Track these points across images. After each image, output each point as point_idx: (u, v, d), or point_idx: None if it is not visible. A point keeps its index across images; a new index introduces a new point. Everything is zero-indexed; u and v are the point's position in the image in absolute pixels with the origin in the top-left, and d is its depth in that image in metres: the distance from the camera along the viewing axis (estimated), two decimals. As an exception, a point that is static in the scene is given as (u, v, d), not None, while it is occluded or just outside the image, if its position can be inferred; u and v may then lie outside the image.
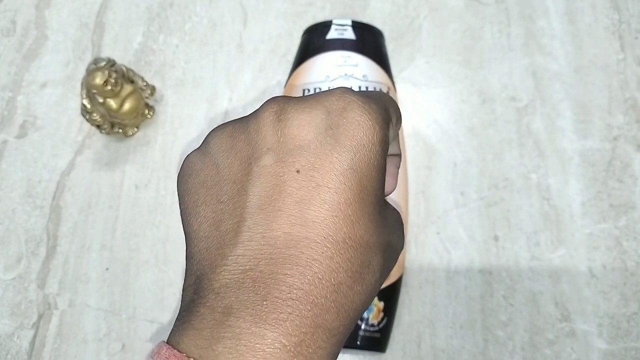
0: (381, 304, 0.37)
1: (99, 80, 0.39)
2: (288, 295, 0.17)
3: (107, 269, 0.42)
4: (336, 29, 0.42)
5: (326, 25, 0.42)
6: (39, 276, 0.42)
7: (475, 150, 0.43)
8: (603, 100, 0.44)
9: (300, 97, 0.21)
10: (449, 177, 0.43)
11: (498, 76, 0.45)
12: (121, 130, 0.44)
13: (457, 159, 0.43)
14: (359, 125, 0.19)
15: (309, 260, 0.17)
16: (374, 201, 0.19)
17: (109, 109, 0.41)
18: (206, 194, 0.20)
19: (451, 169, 0.43)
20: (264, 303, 0.17)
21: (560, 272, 0.40)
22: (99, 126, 0.43)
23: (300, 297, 0.17)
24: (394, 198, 0.39)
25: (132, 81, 0.43)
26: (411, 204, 0.42)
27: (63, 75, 0.48)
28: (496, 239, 0.41)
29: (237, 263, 0.18)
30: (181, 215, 0.21)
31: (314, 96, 0.21)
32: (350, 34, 0.41)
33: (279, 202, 0.18)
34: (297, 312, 0.17)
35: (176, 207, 0.43)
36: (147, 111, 0.45)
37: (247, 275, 0.17)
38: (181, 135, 0.45)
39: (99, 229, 0.43)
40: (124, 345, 0.40)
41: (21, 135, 0.46)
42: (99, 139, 0.45)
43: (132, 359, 0.40)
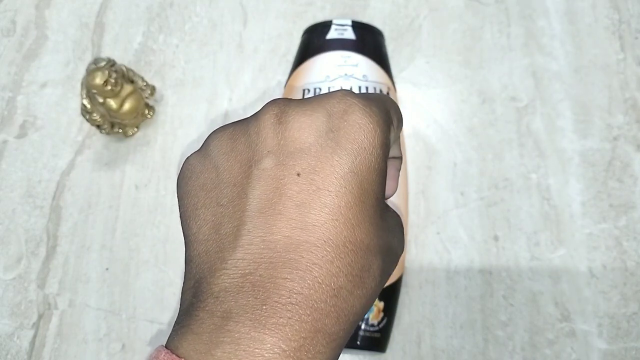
0: (381, 304, 0.37)
1: (99, 80, 0.39)
2: (288, 300, 0.17)
3: (107, 269, 0.42)
4: (336, 29, 0.42)
5: (326, 25, 0.42)
6: (39, 276, 0.42)
7: (475, 150, 0.43)
8: (603, 100, 0.44)
9: (301, 99, 0.21)
10: (449, 177, 0.43)
11: (498, 76, 0.45)
12: (121, 130, 0.44)
13: (457, 159, 0.43)
14: (360, 128, 0.19)
15: (308, 264, 0.17)
16: (374, 204, 0.19)
17: (109, 109, 0.41)
18: (206, 196, 0.20)
19: (451, 169, 0.43)
20: (264, 307, 0.17)
21: (560, 272, 0.40)
22: (99, 126, 0.43)
23: (300, 302, 0.17)
24: (393, 199, 0.39)
25: (132, 81, 0.43)
26: (411, 204, 0.42)
27: (63, 75, 0.48)
28: (496, 239, 0.41)
29: (236, 267, 0.17)
30: (180, 218, 0.21)
31: (314, 98, 0.20)
32: (350, 34, 0.41)
33: (279, 205, 0.18)
34: (297, 316, 0.17)
35: (176, 207, 0.43)
36: (147, 111, 0.45)
37: (246, 279, 0.17)
38: (181, 135, 0.45)
39: (99, 229, 0.43)
40: (124, 345, 0.40)
41: (21, 135, 0.46)
42: (99, 139, 0.45)
43: (132, 359, 0.40)
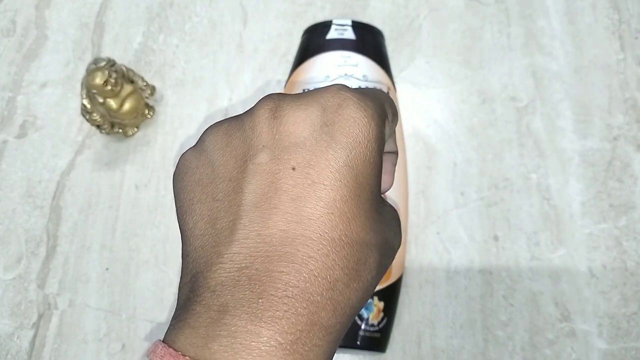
0: (381, 304, 0.37)
1: (99, 80, 0.39)
2: (284, 293, 0.17)
3: (107, 269, 0.42)
4: (336, 29, 0.42)
5: (326, 25, 0.42)
6: (39, 276, 0.42)
7: (475, 150, 0.43)
8: (603, 100, 0.44)
9: (295, 94, 0.21)
10: (449, 177, 0.43)
11: (498, 76, 0.45)
12: (121, 130, 0.44)
13: (457, 159, 0.43)
14: (355, 122, 0.19)
15: (304, 257, 0.17)
16: (370, 198, 0.19)
17: (109, 109, 0.41)
18: (202, 191, 0.20)
19: (451, 169, 0.43)
20: (260, 301, 0.17)
21: (560, 272, 0.40)
22: (99, 126, 0.43)
23: (296, 295, 0.17)
24: (393, 198, 0.39)
25: (132, 81, 0.43)
26: (411, 204, 0.42)
27: (63, 75, 0.48)
28: (496, 239, 0.41)
29: (232, 261, 0.18)
30: (177, 213, 0.21)
31: (309, 93, 0.21)
32: (350, 34, 0.41)
33: (274, 199, 0.18)
34: (293, 309, 0.17)
35: (176, 207, 0.43)
36: (147, 111, 0.45)
37: (242, 273, 0.17)
38: (181, 135, 0.45)
39: (99, 229, 0.43)
40: (124, 345, 0.40)
41: (21, 135, 0.46)
42: (99, 139, 0.45)
43: (132, 359, 0.40)
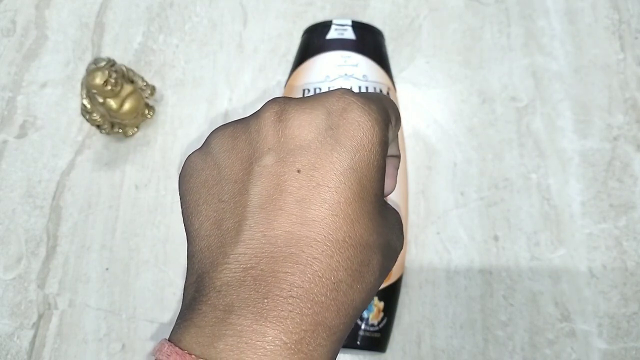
0: (381, 304, 0.37)
1: (99, 80, 0.39)
2: (288, 293, 0.17)
3: (107, 269, 0.42)
4: (336, 29, 0.42)
5: (326, 25, 0.42)
6: (39, 276, 0.42)
7: (475, 150, 0.43)
8: (603, 100, 0.44)
9: (300, 97, 0.21)
10: (449, 177, 0.43)
11: (498, 76, 0.45)
12: (121, 130, 0.44)
13: (457, 159, 0.43)
14: (359, 125, 0.19)
15: (309, 258, 0.17)
16: (373, 201, 0.19)
17: (109, 109, 0.41)
18: (207, 193, 0.20)
19: (451, 169, 0.43)
20: (265, 301, 0.17)
21: (560, 272, 0.40)
22: (99, 126, 0.43)
23: (300, 295, 0.17)
24: (393, 198, 0.39)
25: (132, 81, 0.43)
26: (411, 204, 0.42)
27: (63, 75, 0.48)
28: (496, 239, 0.41)
29: (238, 261, 0.18)
30: (183, 214, 0.21)
31: (314, 97, 0.21)
32: (350, 34, 0.41)
33: (279, 201, 0.18)
34: (298, 309, 0.17)
35: (176, 207, 0.43)
36: (147, 111, 0.45)
37: (248, 273, 0.17)
38: (181, 135, 0.45)
39: (99, 229, 0.43)
40: (124, 345, 0.40)
41: (21, 135, 0.46)
42: (99, 139, 0.45)
43: (132, 359, 0.40)
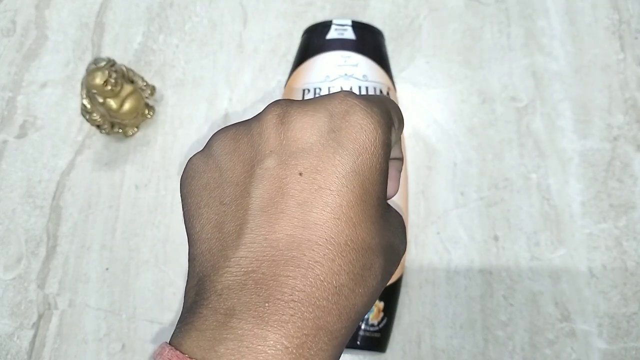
0: (381, 304, 0.37)
1: (99, 80, 0.39)
2: (290, 297, 0.17)
3: (107, 269, 0.42)
4: (336, 29, 0.42)
5: (326, 25, 0.42)
6: (39, 276, 0.42)
7: (475, 150, 0.43)
8: (603, 100, 0.44)
9: (303, 100, 0.21)
10: (449, 177, 0.43)
11: (498, 76, 0.45)
12: (121, 130, 0.44)
13: (457, 159, 0.43)
14: (362, 128, 0.19)
15: (310, 262, 0.17)
16: (376, 204, 0.19)
17: (109, 109, 0.41)
18: (209, 196, 0.20)
19: (451, 169, 0.43)
20: (266, 305, 0.17)
21: (560, 272, 0.40)
22: (99, 126, 0.43)
23: (302, 299, 0.17)
24: (393, 198, 0.39)
25: (132, 81, 0.43)
26: (411, 204, 0.42)
27: (63, 75, 0.48)
28: (496, 239, 0.41)
29: (239, 265, 0.18)
30: (184, 217, 0.21)
31: (316, 99, 0.21)
32: (350, 34, 0.41)
33: (281, 204, 0.18)
34: (299, 314, 0.17)
35: (176, 207, 0.43)
36: (147, 111, 0.45)
37: (249, 277, 0.17)
38: (181, 135, 0.45)
39: (99, 229, 0.43)
40: (124, 345, 0.40)
41: (21, 135, 0.46)
42: (99, 139, 0.45)
43: (132, 359, 0.40)
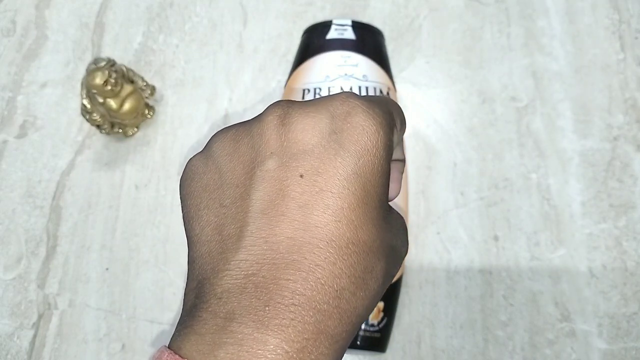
0: (381, 304, 0.37)
1: (99, 80, 0.39)
2: (290, 301, 0.17)
3: (107, 269, 0.42)
4: (336, 29, 0.42)
5: (326, 25, 0.42)
6: (39, 276, 0.42)
7: (475, 150, 0.43)
8: (603, 100, 0.44)
9: (304, 101, 0.21)
10: (449, 177, 0.43)
11: (498, 76, 0.45)
12: (121, 130, 0.44)
13: (457, 159, 0.43)
14: (363, 130, 0.19)
15: (311, 265, 0.17)
16: (377, 206, 0.19)
17: (109, 109, 0.41)
18: (209, 197, 0.20)
19: (451, 169, 0.43)
20: (266, 308, 0.16)
21: (560, 272, 0.40)
22: (99, 126, 0.43)
23: (302, 303, 0.17)
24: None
25: (132, 81, 0.43)
26: (411, 204, 0.42)
27: (63, 75, 0.48)
28: (496, 239, 0.41)
29: (239, 268, 0.17)
30: (183, 219, 0.21)
31: (317, 100, 0.20)
32: (350, 34, 0.41)
33: (282, 206, 0.18)
34: (300, 318, 0.16)
35: (176, 207, 0.43)
36: (147, 111, 0.45)
37: (249, 280, 0.17)
38: (181, 135, 0.45)
39: (99, 229, 0.43)
40: (124, 345, 0.40)
41: (21, 135, 0.46)
42: (99, 139, 0.45)
43: (132, 359, 0.40)
